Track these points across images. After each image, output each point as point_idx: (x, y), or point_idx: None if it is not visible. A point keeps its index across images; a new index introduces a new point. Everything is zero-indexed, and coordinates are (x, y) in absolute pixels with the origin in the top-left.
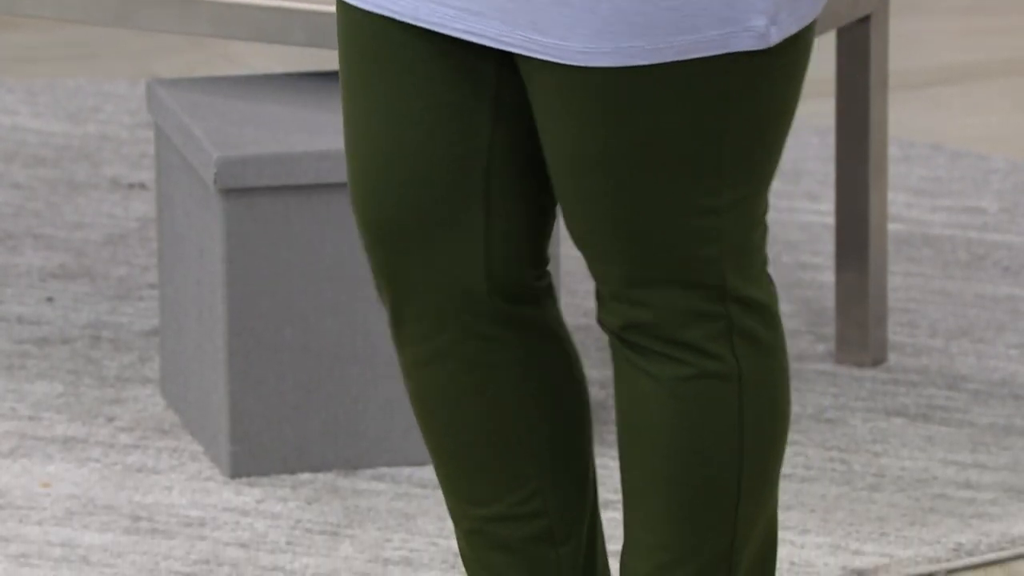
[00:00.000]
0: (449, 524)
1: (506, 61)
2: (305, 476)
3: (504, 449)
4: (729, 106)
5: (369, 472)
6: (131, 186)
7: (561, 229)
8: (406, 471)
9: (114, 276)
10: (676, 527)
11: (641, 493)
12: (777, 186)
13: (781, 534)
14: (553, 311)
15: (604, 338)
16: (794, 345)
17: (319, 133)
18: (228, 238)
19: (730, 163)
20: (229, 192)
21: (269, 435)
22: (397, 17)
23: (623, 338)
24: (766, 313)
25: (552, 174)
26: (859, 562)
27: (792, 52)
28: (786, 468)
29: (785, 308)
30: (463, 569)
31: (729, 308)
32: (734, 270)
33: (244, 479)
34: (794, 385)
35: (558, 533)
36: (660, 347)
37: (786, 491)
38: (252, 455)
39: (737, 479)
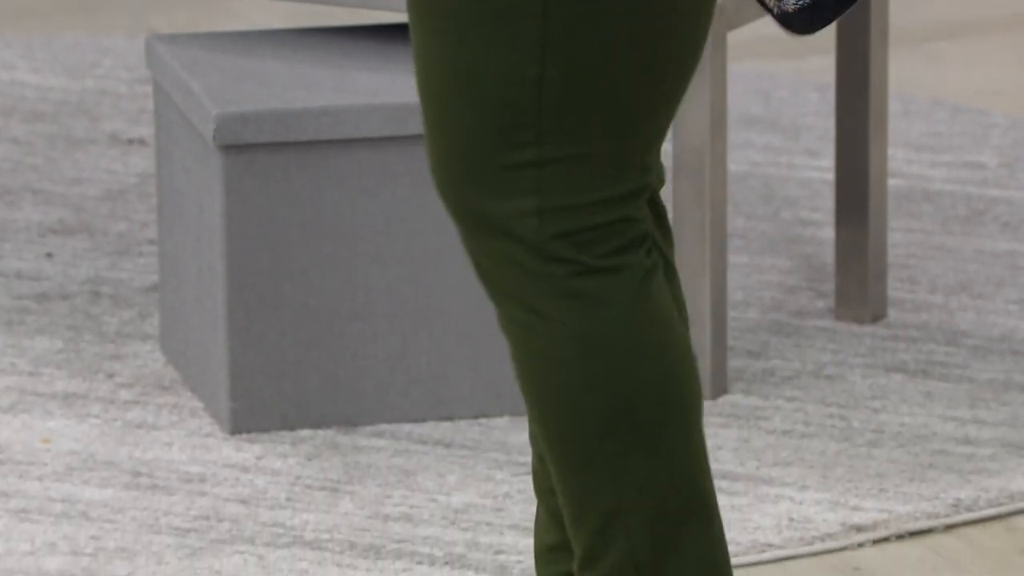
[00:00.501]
0: (449, 480)
1: None
2: (305, 432)
3: None
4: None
5: (369, 429)
6: (130, 141)
7: None
8: (406, 427)
9: (113, 232)
10: (561, 486)
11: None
12: (777, 142)
13: (780, 490)
14: None
15: None
16: (793, 301)
17: (319, 89)
18: (227, 194)
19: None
20: (228, 148)
21: (269, 391)
22: None
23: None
24: (603, 272)
25: None
26: (858, 518)
27: None
28: (785, 424)
29: (785, 264)
30: (463, 525)
31: (552, 268)
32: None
33: (244, 435)
34: (793, 341)
35: None
36: (500, 303)
37: (785, 447)
38: (252, 411)
39: (599, 440)
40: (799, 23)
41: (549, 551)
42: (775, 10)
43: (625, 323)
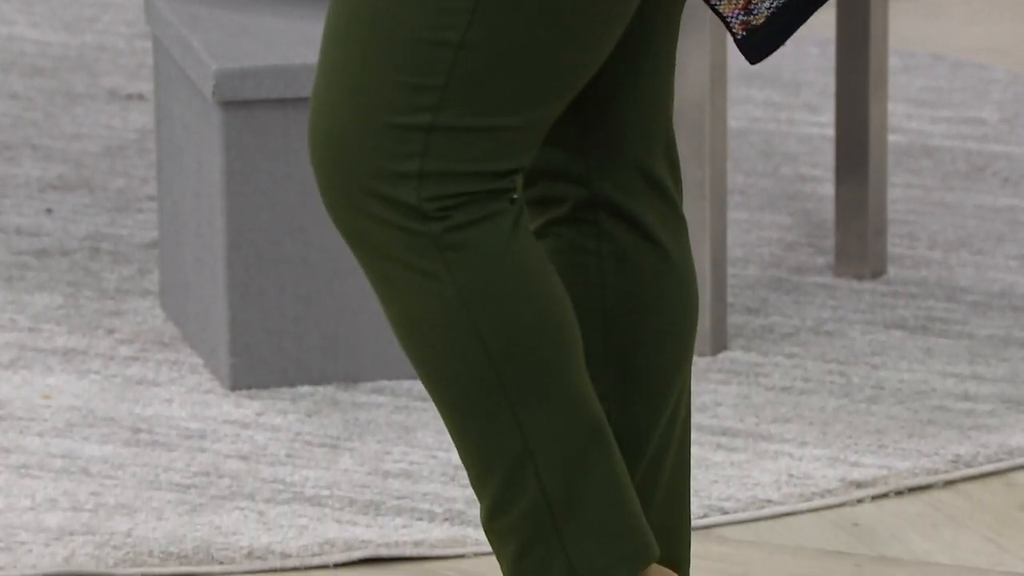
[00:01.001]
0: (447, 436)
1: None
2: (305, 389)
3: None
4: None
5: (369, 385)
6: (129, 97)
7: None
8: (406, 384)
9: (113, 188)
10: (464, 439)
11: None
12: (777, 98)
13: (779, 447)
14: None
15: None
16: (793, 257)
17: (318, 45)
18: (227, 151)
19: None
20: (228, 105)
21: (269, 348)
22: None
23: None
24: (482, 222)
25: None
26: (857, 474)
27: None
28: (784, 381)
29: (784, 221)
30: (462, 481)
31: (431, 226)
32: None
33: (244, 392)
34: (793, 298)
35: (622, 440)
36: (375, 264)
37: (784, 404)
38: (252, 368)
39: (497, 388)
40: (755, 47)
41: None
42: (738, 35)
43: (503, 269)
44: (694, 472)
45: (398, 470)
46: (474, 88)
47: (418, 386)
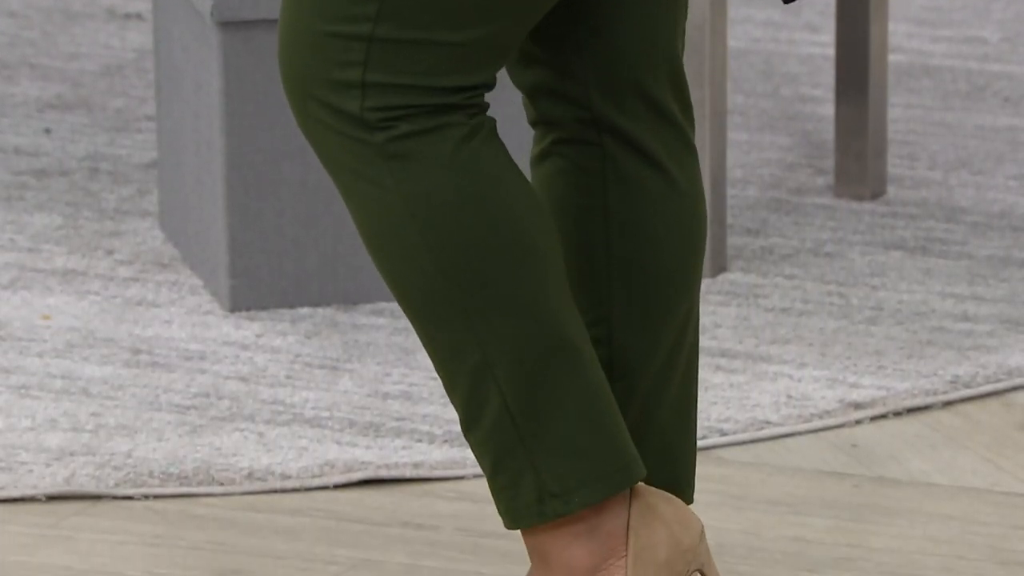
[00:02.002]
0: None
1: None
2: (304, 311)
3: (582, 261)
4: None
5: (368, 307)
6: (127, 16)
7: None
8: None
9: (111, 107)
10: (429, 349)
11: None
12: (777, 17)
13: (778, 368)
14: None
15: None
16: (793, 178)
17: None
18: (225, 72)
19: None
20: (226, 25)
21: (268, 270)
22: None
23: None
24: (426, 134)
25: None
26: (856, 395)
27: None
28: (783, 302)
29: (784, 141)
30: None
31: (375, 135)
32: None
33: (243, 313)
34: (792, 219)
35: (614, 370)
36: (335, 174)
37: (783, 325)
38: (251, 289)
39: (450, 295)
40: None
41: None
42: None
43: (449, 179)
44: None
45: (397, 392)
46: (410, 1)
47: None
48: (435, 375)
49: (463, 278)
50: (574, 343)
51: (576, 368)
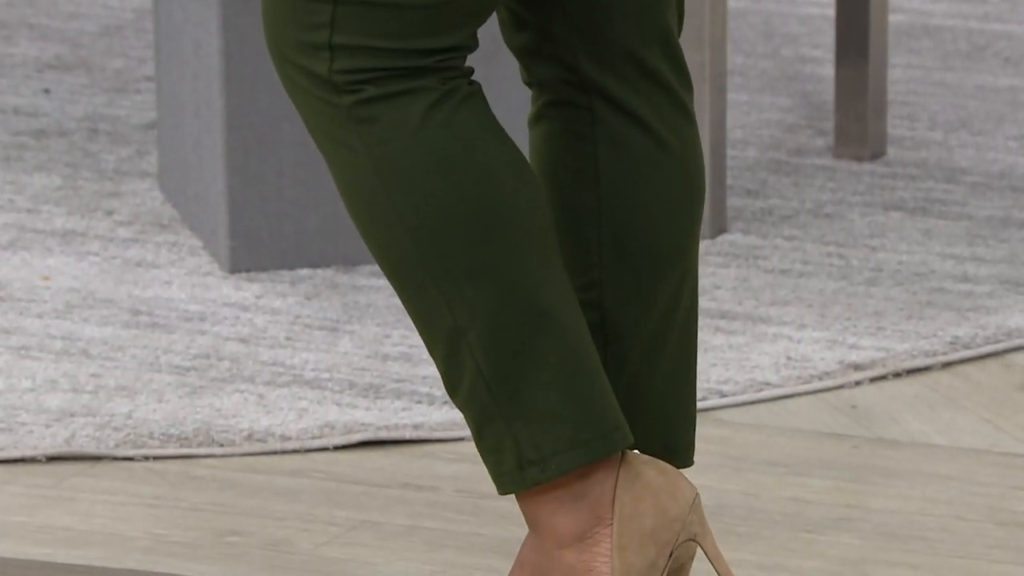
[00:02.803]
0: None
1: None
2: (304, 272)
3: (572, 225)
4: None
5: (368, 268)
6: None
7: None
8: None
9: (111, 68)
10: (410, 316)
11: None
12: None
13: (778, 329)
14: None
15: None
16: (793, 139)
17: None
18: (225, 32)
19: None
20: None
21: (268, 231)
22: None
23: None
24: (393, 97)
25: None
26: (856, 356)
27: None
28: (783, 263)
29: (784, 102)
30: None
31: (344, 98)
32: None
33: (243, 274)
34: (792, 180)
35: (606, 331)
36: (316, 138)
37: (783, 286)
38: (251, 251)
39: (420, 265)
40: None
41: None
42: None
43: (416, 144)
44: None
45: (397, 353)
46: None
47: None
48: None
49: (433, 244)
50: (553, 311)
51: (554, 336)
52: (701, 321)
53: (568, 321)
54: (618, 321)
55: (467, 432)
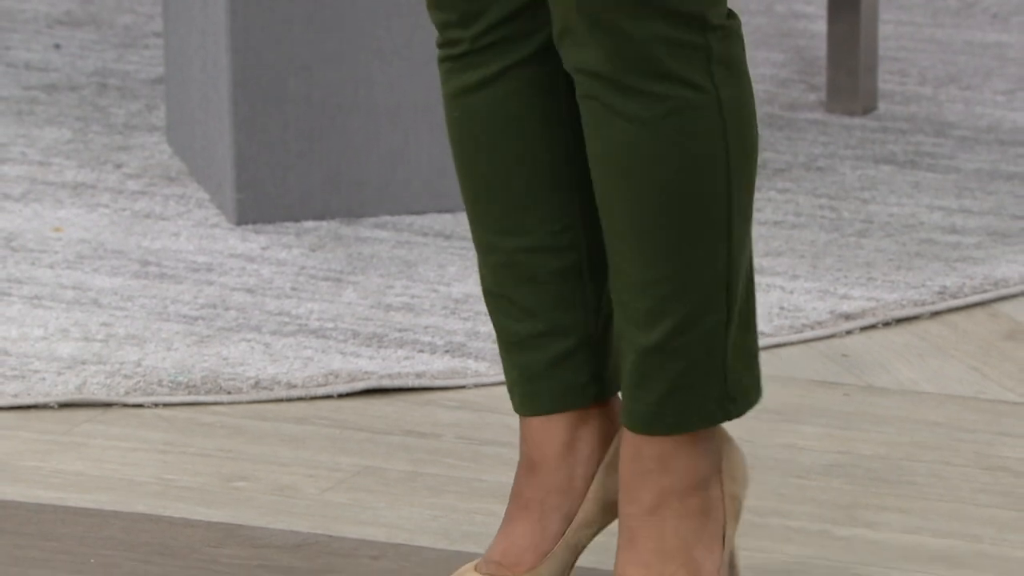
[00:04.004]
0: (450, 271)
1: None
2: (309, 224)
3: (545, 178)
4: None
5: (371, 220)
6: None
7: None
8: (407, 219)
9: (120, 24)
10: (675, 259)
11: (632, 234)
12: None
13: (771, 280)
14: None
15: None
16: (786, 94)
17: None
18: None
19: None
20: None
21: (273, 183)
22: None
23: (594, 81)
24: (736, 36)
25: None
26: (847, 306)
27: None
28: (776, 215)
29: (777, 58)
30: (463, 314)
31: (708, 37)
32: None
33: (249, 226)
34: (785, 134)
35: (587, 269)
36: (639, 84)
37: (776, 238)
38: (257, 203)
39: (727, 204)
40: None
41: (531, 338)
42: None
43: (749, 86)
44: None
45: (400, 303)
46: None
47: (420, 221)
48: (436, 288)
49: (740, 179)
50: (753, 272)
51: (753, 277)
52: None
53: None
54: (592, 261)
55: (468, 380)
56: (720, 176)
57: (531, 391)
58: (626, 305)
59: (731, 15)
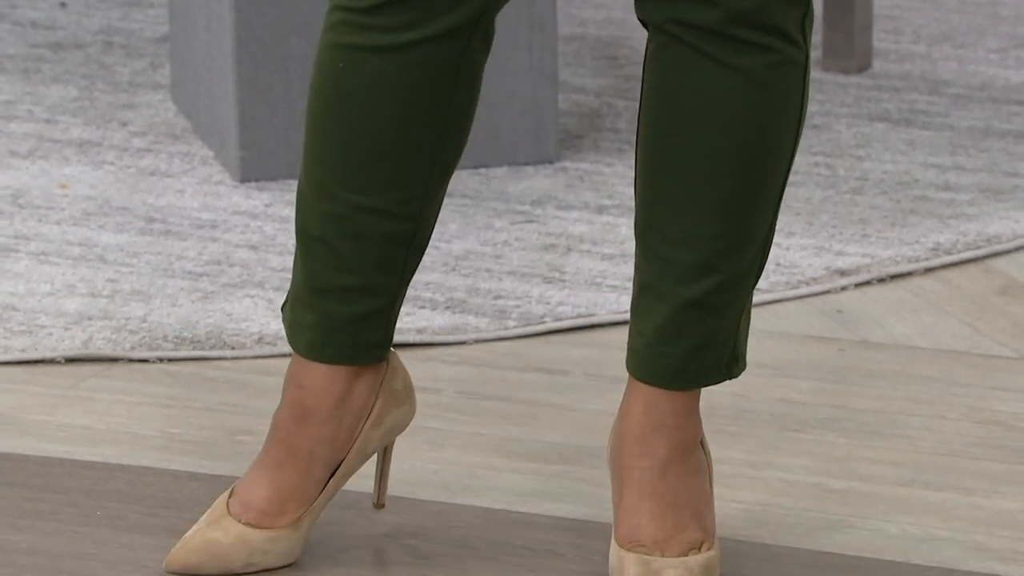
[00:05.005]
0: (450, 228)
1: None
2: None
3: (410, 151)
4: None
5: None
6: None
7: None
8: None
9: None
10: (736, 216)
11: (698, 187)
12: None
13: None
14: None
15: (598, 48)
16: None
17: None
18: None
19: None
20: None
21: (276, 142)
22: None
23: (694, 32)
24: None
25: None
26: (841, 262)
27: None
28: None
29: None
30: (463, 271)
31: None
32: None
33: (253, 184)
34: None
35: (415, 241)
36: (749, 35)
37: None
38: (260, 161)
39: (789, 162)
40: None
41: (342, 291)
42: None
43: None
44: None
45: None
46: None
47: None
48: (437, 245)
49: (795, 139)
50: None
51: None
52: None
53: None
54: (422, 234)
55: (469, 336)
56: (791, 135)
57: (326, 340)
58: (667, 259)
59: None
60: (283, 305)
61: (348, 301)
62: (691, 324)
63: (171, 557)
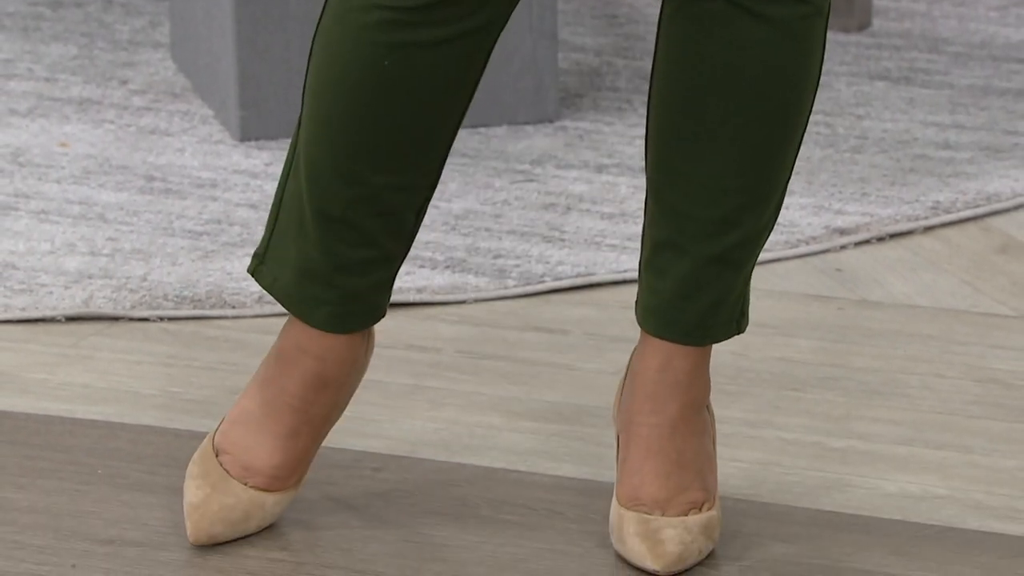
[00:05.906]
0: (450, 187)
1: None
2: None
3: (442, 131)
4: None
5: None
6: None
7: None
8: None
9: None
10: (760, 168)
11: (725, 140)
12: None
13: None
14: None
15: (598, 6)
16: None
17: None
18: None
19: None
20: None
21: (276, 100)
22: None
23: None
24: None
25: None
26: (841, 221)
27: None
28: None
29: None
30: (463, 231)
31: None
32: None
33: (252, 143)
34: None
35: (423, 206)
36: None
37: None
38: (260, 119)
39: (808, 115)
40: None
41: (362, 263)
42: None
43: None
44: None
45: None
46: None
47: None
48: (437, 204)
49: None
50: None
51: None
52: None
53: None
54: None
55: (469, 295)
56: (812, 88)
57: (348, 311)
58: (688, 215)
59: None
60: (253, 269)
61: (367, 272)
62: (710, 280)
63: (194, 530)
